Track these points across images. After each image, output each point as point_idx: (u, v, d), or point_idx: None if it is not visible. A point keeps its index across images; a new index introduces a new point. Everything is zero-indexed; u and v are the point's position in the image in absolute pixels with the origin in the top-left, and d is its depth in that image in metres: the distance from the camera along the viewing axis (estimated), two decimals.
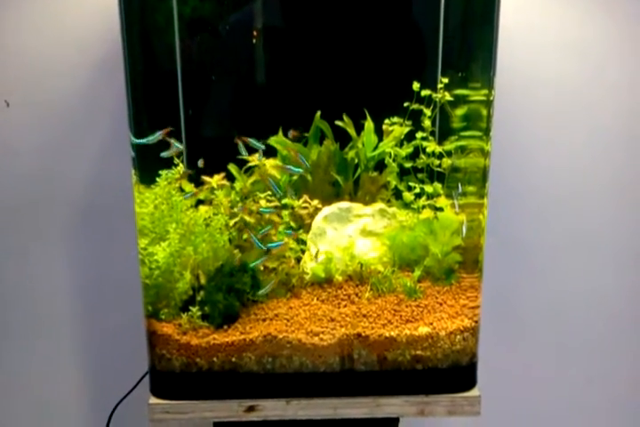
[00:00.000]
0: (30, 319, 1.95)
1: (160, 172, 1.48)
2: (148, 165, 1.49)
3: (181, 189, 1.53)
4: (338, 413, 1.41)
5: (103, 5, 1.73)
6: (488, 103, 1.46)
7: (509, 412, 2.06)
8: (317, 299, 1.52)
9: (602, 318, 2.02)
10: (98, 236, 1.89)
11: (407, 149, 1.67)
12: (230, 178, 1.61)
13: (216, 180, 1.62)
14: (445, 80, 1.57)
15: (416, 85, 1.60)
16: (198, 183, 1.59)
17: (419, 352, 1.42)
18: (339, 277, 1.55)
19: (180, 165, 1.49)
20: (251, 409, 1.41)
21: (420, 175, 1.68)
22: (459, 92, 1.58)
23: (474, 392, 1.44)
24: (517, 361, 2.04)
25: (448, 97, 1.58)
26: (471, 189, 1.57)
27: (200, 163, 1.51)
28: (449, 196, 1.61)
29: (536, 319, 2.02)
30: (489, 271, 1.57)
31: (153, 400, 1.42)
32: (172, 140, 1.44)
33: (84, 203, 1.87)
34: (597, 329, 2.03)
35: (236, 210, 1.56)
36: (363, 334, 1.42)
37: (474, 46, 1.54)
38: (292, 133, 1.56)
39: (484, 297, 1.51)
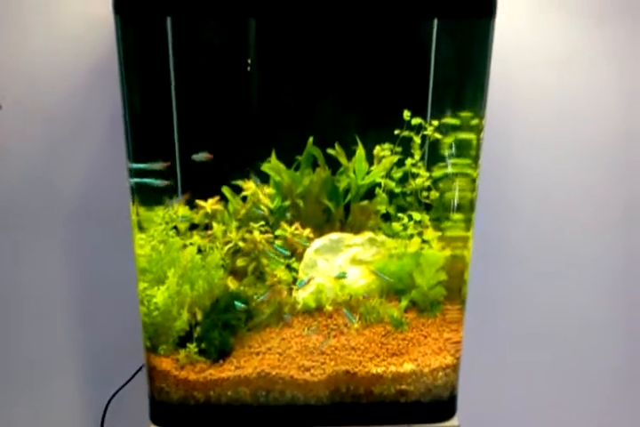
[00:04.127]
0: (25, 317, 1.96)
1: (158, 212, 1.52)
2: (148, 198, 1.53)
3: (176, 229, 1.57)
4: None
5: (98, 14, 1.70)
6: (478, 132, 1.51)
7: None
8: (308, 329, 1.60)
9: (594, 340, 2.06)
10: (90, 239, 1.89)
11: (396, 174, 1.71)
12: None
13: (210, 204, 1.67)
14: (435, 123, 1.61)
15: (406, 114, 1.64)
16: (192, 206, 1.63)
17: (403, 387, 1.52)
18: (329, 307, 1.63)
19: (176, 205, 1.52)
20: None
21: (409, 199, 1.73)
22: (448, 121, 1.61)
23: (453, 422, 1.55)
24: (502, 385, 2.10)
25: (437, 136, 1.62)
26: (458, 217, 1.63)
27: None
28: (436, 226, 1.67)
29: (528, 341, 2.07)
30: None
31: None
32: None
33: (77, 209, 1.86)
34: (590, 349, 2.08)
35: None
36: (351, 371, 1.51)
37: (464, 82, 1.56)
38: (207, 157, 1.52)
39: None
